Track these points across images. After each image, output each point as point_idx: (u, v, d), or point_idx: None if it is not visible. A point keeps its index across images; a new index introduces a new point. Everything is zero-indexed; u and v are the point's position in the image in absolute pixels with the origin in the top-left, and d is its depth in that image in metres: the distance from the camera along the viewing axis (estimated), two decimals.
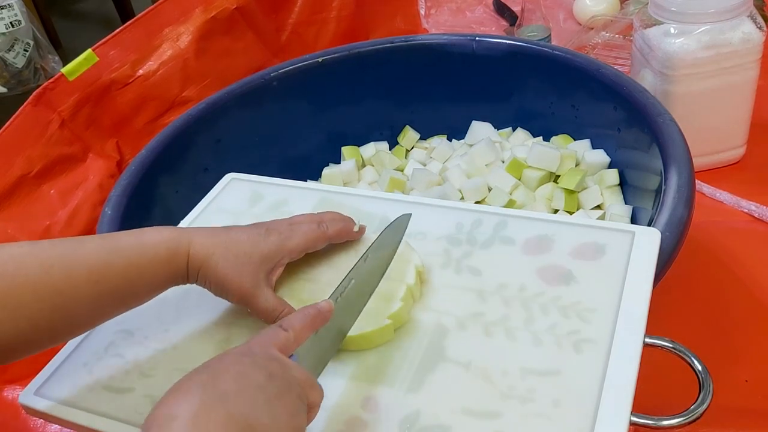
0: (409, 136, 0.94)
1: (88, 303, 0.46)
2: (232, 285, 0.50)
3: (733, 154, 0.89)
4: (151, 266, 0.48)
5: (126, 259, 0.47)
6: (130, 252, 0.47)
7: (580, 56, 0.82)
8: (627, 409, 0.43)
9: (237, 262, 0.49)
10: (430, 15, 1.36)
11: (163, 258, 0.48)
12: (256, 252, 0.50)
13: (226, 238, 0.50)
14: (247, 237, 0.51)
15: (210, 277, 0.50)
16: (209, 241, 0.50)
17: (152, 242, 0.48)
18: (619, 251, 0.54)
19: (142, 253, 0.47)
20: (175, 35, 1.01)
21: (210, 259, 0.49)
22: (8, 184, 0.84)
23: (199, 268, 0.49)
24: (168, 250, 0.48)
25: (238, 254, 0.50)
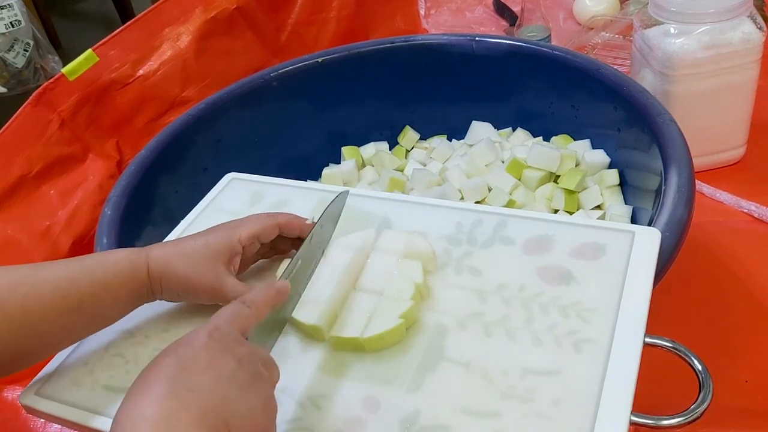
0: (409, 136, 0.94)
1: (55, 320, 0.47)
2: (195, 284, 0.51)
3: (733, 154, 0.89)
4: (114, 281, 0.49)
5: (90, 275, 0.48)
6: (93, 268, 0.49)
7: (580, 56, 0.82)
8: (627, 409, 0.43)
9: (194, 262, 0.51)
10: (430, 15, 1.36)
11: (126, 273, 0.49)
12: (209, 248, 0.52)
13: (181, 244, 0.53)
14: (197, 240, 0.53)
15: (172, 284, 0.51)
16: (165, 251, 0.52)
17: (113, 259, 0.50)
18: (619, 251, 0.54)
19: (104, 269, 0.49)
20: (175, 35, 1.01)
21: (168, 267, 0.51)
22: (8, 184, 0.83)
23: (161, 279, 0.51)
24: (129, 264, 0.50)
25: (194, 255, 0.52)
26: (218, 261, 0.52)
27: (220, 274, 0.52)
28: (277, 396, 0.48)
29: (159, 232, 0.68)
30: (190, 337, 0.41)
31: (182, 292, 0.52)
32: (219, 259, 0.52)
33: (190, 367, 0.38)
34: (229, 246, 0.53)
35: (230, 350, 0.40)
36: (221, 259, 0.52)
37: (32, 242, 0.83)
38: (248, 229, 0.54)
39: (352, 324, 0.51)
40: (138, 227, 0.74)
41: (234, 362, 0.39)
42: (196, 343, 0.40)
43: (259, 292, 0.46)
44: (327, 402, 0.48)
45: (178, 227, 0.67)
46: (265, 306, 0.45)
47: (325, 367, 0.50)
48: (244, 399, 0.38)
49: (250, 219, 0.56)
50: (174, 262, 0.51)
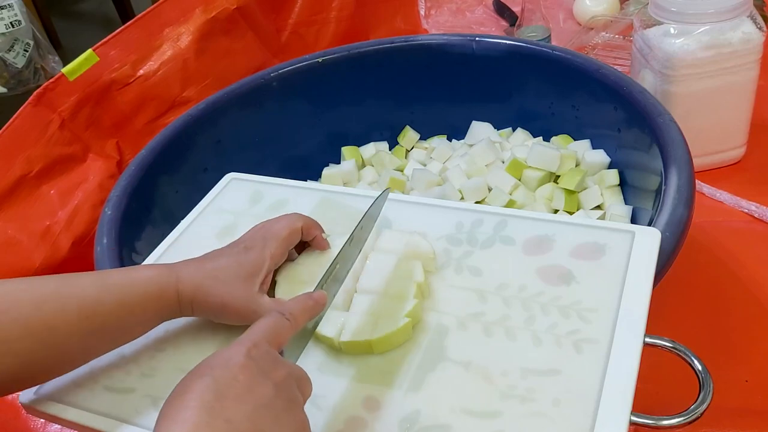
0: (409, 136, 0.94)
1: (79, 339, 0.46)
2: (230, 309, 0.51)
3: (733, 154, 0.89)
4: (140, 303, 0.49)
5: (116, 296, 0.48)
6: (121, 289, 0.48)
7: (580, 56, 0.82)
8: (627, 408, 0.43)
9: (227, 285, 0.51)
10: (430, 15, 1.36)
11: (153, 295, 0.49)
12: (242, 271, 0.51)
13: (211, 267, 0.52)
14: (228, 260, 0.52)
15: (204, 306, 0.51)
16: (196, 273, 0.51)
17: (142, 279, 0.49)
18: (619, 251, 0.54)
19: (132, 291, 0.48)
20: (176, 35, 1.01)
21: (200, 290, 0.50)
22: (8, 184, 0.83)
23: (192, 301, 0.50)
24: (157, 286, 0.49)
25: (227, 279, 0.51)
26: (251, 284, 0.51)
27: (254, 295, 0.51)
28: None
29: (159, 232, 0.68)
30: (227, 357, 0.39)
31: (213, 315, 0.52)
32: (253, 281, 0.51)
33: (227, 393, 0.37)
34: (263, 266, 0.52)
35: (268, 373, 0.39)
36: (254, 282, 0.51)
37: (32, 242, 0.83)
38: (278, 243, 0.54)
39: (360, 327, 0.51)
40: (138, 227, 0.74)
41: (271, 388, 0.38)
42: (234, 365, 0.38)
43: (298, 303, 0.45)
44: (327, 402, 0.48)
45: (178, 227, 0.67)
46: (303, 317, 0.45)
47: (325, 367, 0.50)
48: (279, 428, 0.38)
49: (275, 231, 0.55)
50: (206, 285, 0.50)
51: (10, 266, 0.81)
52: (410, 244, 0.56)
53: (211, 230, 0.66)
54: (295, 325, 0.44)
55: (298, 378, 0.42)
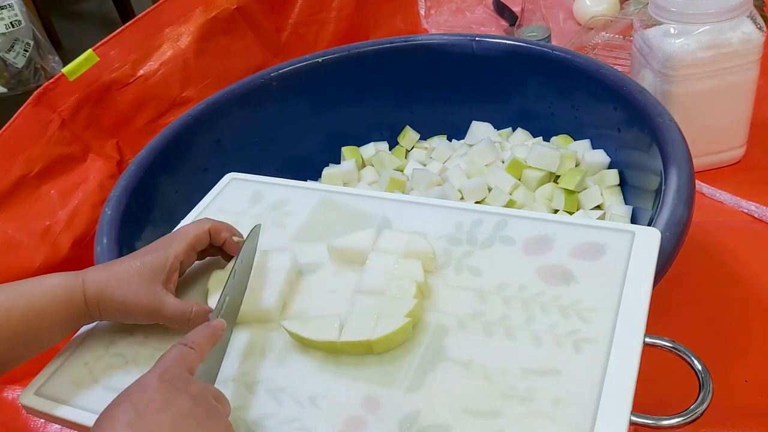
0: (409, 136, 0.94)
1: None
2: (133, 307, 0.52)
3: (733, 154, 0.89)
4: (50, 308, 0.50)
5: (25, 302, 0.49)
6: (29, 296, 0.50)
7: (580, 56, 0.82)
8: (627, 408, 0.43)
9: (130, 286, 0.51)
10: (430, 15, 1.36)
11: (61, 299, 0.50)
12: (145, 270, 0.52)
13: (116, 267, 0.53)
14: (132, 261, 0.53)
15: (110, 307, 0.52)
16: (100, 274, 0.52)
17: (50, 285, 0.51)
18: (619, 251, 0.54)
19: (41, 297, 0.50)
20: (176, 35, 1.01)
21: (105, 291, 0.51)
22: (8, 184, 0.83)
23: (98, 303, 0.51)
24: (64, 291, 0.50)
25: (130, 277, 0.52)
26: (155, 281, 0.52)
27: (158, 294, 0.52)
28: (277, 396, 0.49)
29: (159, 232, 0.67)
30: (140, 383, 0.41)
31: (121, 315, 0.53)
32: (156, 279, 0.52)
33: (146, 409, 0.39)
34: (166, 264, 0.53)
35: (183, 389, 0.41)
36: (158, 279, 0.52)
37: (32, 242, 0.83)
38: (183, 244, 0.54)
39: (360, 327, 0.50)
40: (138, 227, 0.74)
41: (188, 400, 0.40)
42: (149, 387, 0.41)
43: (199, 333, 0.47)
44: (327, 402, 0.48)
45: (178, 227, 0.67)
46: (206, 345, 0.46)
47: (325, 367, 0.50)
48: None
49: (181, 232, 0.56)
50: (110, 286, 0.51)
51: (10, 266, 0.81)
52: (410, 244, 0.56)
53: None
54: (201, 354, 0.45)
55: (215, 394, 0.43)
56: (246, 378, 0.51)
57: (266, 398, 0.49)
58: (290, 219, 0.65)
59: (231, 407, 0.48)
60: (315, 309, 0.55)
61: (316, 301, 0.56)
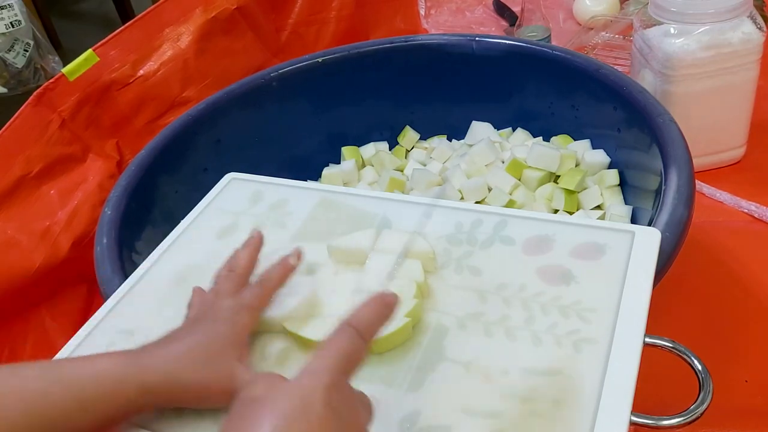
0: (409, 137, 0.94)
1: None
2: (212, 389, 0.44)
3: (733, 154, 0.89)
4: (94, 398, 0.41)
5: (65, 390, 0.41)
6: (71, 381, 0.41)
7: (580, 56, 0.82)
8: (627, 409, 0.43)
9: (210, 365, 0.44)
10: (430, 15, 1.36)
11: (109, 388, 0.42)
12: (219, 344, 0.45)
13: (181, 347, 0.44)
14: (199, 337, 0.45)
15: (179, 392, 0.43)
16: (163, 358, 0.43)
17: (96, 370, 0.42)
18: (619, 251, 0.54)
19: (84, 382, 0.41)
20: (176, 35, 1.01)
21: (171, 375, 0.43)
22: (8, 184, 0.83)
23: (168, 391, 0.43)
24: (114, 378, 0.42)
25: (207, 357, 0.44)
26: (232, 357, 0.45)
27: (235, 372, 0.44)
28: None
29: (159, 232, 0.68)
30: (303, 397, 0.33)
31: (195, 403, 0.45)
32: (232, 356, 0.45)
33: None
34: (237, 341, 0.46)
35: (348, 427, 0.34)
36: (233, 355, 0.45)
37: (32, 242, 0.83)
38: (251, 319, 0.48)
39: None
40: (138, 227, 0.74)
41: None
42: (313, 414, 0.33)
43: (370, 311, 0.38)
44: None
45: (178, 227, 0.67)
46: (377, 329, 0.38)
47: None
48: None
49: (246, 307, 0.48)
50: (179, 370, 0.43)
51: (10, 266, 0.81)
52: (410, 245, 0.56)
53: (211, 230, 0.66)
54: (370, 344, 0.37)
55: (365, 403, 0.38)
56: None
57: None
58: (290, 219, 0.65)
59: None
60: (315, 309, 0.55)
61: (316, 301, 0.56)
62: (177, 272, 0.61)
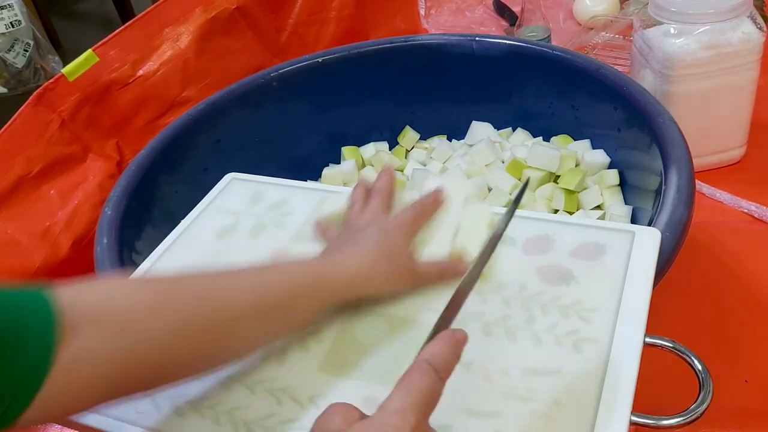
0: (409, 137, 0.94)
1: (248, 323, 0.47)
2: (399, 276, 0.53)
3: (733, 154, 0.89)
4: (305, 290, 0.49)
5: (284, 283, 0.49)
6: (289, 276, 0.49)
7: (580, 56, 0.82)
8: (627, 408, 0.43)
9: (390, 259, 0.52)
10: (430, 15, 1.36)
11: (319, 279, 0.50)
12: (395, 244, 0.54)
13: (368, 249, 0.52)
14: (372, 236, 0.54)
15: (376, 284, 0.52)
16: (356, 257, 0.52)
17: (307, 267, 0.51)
18: (619, 251, 0.54)
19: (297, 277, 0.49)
20: (175, 35, 1.01)
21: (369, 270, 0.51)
22: (8, 184, 0.83)
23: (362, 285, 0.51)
24: (319, 271, 0.50)
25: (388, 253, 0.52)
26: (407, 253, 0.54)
27: (414, 262, 0.54)
28: (277, 396, 0.49)
29: (159, 232, 0.68)
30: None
31: (386, 292, 0.53)
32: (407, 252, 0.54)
33: None
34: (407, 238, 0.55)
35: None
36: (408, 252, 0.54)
37: (32, 242, 0.83)
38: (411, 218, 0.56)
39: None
40: (138, 227, 0.74)
41: None
42: None
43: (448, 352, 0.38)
44: (327, 402, 0.48)
45: (178, 227, 0.67)
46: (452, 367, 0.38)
47: (325, 367, 0.50)
48: None
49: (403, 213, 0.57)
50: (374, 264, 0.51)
51: (10, 266, 0.81)
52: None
53: (211, 230, 0.66)
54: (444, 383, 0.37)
55: None
56: (246, 378, 0.51)
57: (266, 398, 0.49)
58: (290, 219, 0.65)
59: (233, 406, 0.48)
60: None
61: None
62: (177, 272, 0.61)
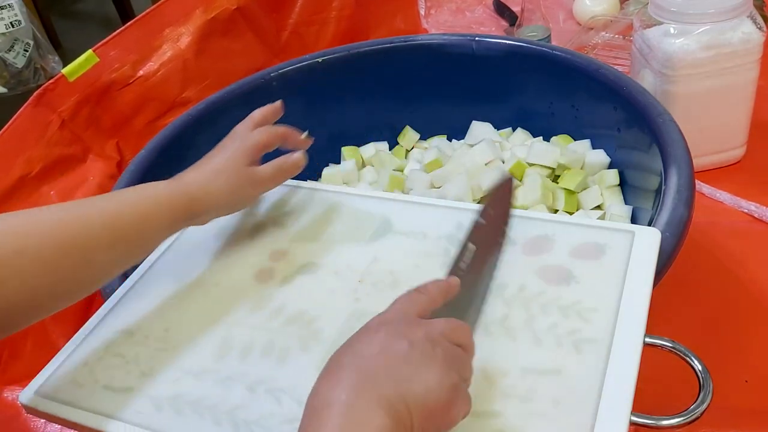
0: (409, 136, 0.94)
1: (105, 251, 0.51)
2: (240, 188, 0.58)
3: (733, 154, 0.89)
4: (156, 212, 0.54)
5: (133, 208, 0.53)
6: (136, 202, 0.54)
7: (580, 56, 0.82)
8: (627, 408, 0.43)
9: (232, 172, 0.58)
10: (430, 15, 1.36)
11: (165, 202, 0.54)
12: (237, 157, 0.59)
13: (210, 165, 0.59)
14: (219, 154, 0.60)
15: (217, 198, 0.57)
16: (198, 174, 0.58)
17: (154, 191, 0.55)
18: (619, 251, 0.54)
19: (146, 202, 0.54)
20: (176, 36, 1.01)
21: (210, 185, 0.57)
22: (8, 184, 0.83)
23: (205, 195, 0.56)
24: (168, 195, 0.55)
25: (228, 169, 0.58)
26: (245, 166, 0.59)
27: (252, 171, 0.59)
28: (277, 396, 0.49)
29: None
30: (365, 327, 0.43)
31: (226, 203, 0.58)
32: (245, 164, 0.59)
33: (365, 355, 0.40)
34: (247, 155, 0.60)
35: (402, 332, 0.41)
36: (247, 164, 0.59)
37: None
38: (259, 140, 0.61)
39: None
40: None
41: (406, 344, 0.40)
42: (370, 331, 0.42)
43: (431, 282, 0.47)
44: None
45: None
46: (439, 295, 0.46)
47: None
48: (418, 378, 0.39)
49: (255, 132, 0.62)
50: (212, 180, 0.57)
51: None
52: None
53: (211, 230, 0.66)
54: (432, 300, 0.45)
55: (443, 326, 0.43)
56: (246, 378, 0.51)
57: (266, 398, 0.49)
58: (290, 219, 0.65)
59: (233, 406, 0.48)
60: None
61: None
62: (177, 272, 0.61)
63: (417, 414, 0.38)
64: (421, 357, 0.40)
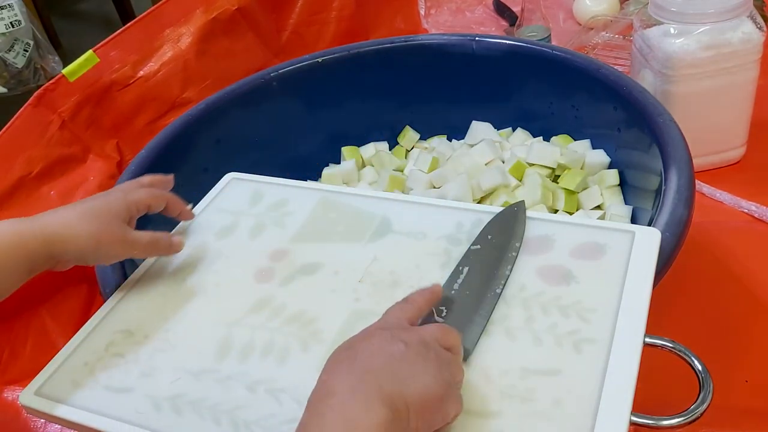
0: (409, 136, 0.94)
1: None
2: (105, 239, 0.54)
3: (733, 154, 0.89)
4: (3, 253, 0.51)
5: None
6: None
7: (580, 56, 0.82)
8: (627, 409, 0.43)
9: (100, 221, 0.54)
10: (430, 15, 1.36)
11: (16, 243, 0.51)
12: (111, 207, 0.56)
13: (79, 207, 0.55)
14: (93, 200, 0.57)
15: (77, 245, 0.53)
16: (62, 215, 0.54)
17: (8, 227, 0.52)
18: (619, 251, 0.54)
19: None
20: (176, 36, 1.01)
21: (70, 230, 0.53)
22: (8, 185, 0.83)
23: (63, 242, 0.53)
24: (19, 235, 0.52)
25: (99, 215, 0.55)
26: (120, 219, 0.56)
27: (125, 228, 0.56)
28: (277, 396, 0.49)
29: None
30: (363, 332, 0.45)
31: (90, 252, 0.54)
32: (120, 217, 0.56)
33: (365, 353, 0.42)
34: (126, 207, 0.57)
35: (398, 336, 0.43)
36: (122, 218, 0.56)
37: None
38: (142, 197, 0.58)
39: None
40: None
41: (402, 345, 0.42)
42: (368, 335, 0.45)
43: (417, 292, 0.50)
44: None
45: (178, 227, 0.67)
46: (424, 303, 0.49)
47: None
48: (414, 375, 0.41)
49: (141, 189, 0.60)
50: (76, 223, 0.53)
51: None
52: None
53: (211, 230, 0.66)
54: (419, 309, 0.48)
55: (433, 331, 0.45)
56: (246, 378, 0.51)
57: (266, 398, 0.49)
58: (290, 219, 0.65)
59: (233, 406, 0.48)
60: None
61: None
62: (177, 272, 0.61)
63: (413, 410, 0.40)
64: (416, 357, 0.42)
